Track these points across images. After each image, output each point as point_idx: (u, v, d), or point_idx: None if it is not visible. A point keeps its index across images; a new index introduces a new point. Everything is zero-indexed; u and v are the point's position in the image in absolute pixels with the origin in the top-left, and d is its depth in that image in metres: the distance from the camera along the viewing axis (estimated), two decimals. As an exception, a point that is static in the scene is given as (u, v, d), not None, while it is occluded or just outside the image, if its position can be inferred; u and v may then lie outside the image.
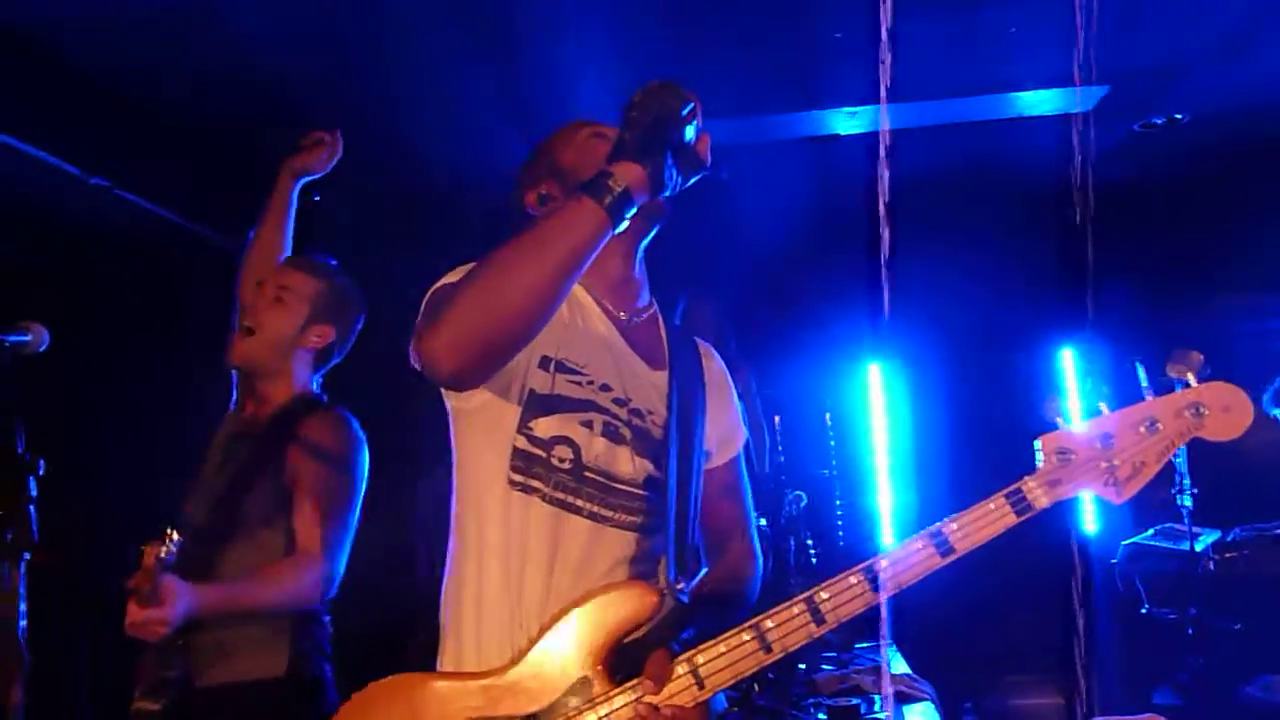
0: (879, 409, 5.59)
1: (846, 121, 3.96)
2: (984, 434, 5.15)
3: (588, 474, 1.68)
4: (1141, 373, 1.62)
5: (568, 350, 1.72)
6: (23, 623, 1.75)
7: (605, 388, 1.73)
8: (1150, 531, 4.57)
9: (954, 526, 1.56)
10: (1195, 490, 4.14)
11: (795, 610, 1.56)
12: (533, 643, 1.61)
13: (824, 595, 1.56)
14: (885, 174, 3.32)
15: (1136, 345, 4.98)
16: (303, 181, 2.77)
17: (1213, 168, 4.57)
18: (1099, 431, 1.58)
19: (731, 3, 3.10)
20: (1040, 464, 1.59)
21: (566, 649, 1.59)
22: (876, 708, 3.27)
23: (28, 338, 1.90)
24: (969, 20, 3.22)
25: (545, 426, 1.68)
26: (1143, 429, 1.58)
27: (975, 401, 5.23)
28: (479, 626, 1.70)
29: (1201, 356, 1.58)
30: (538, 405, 1.68)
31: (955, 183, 4.61)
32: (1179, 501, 4.16)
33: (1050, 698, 4.71)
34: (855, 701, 3.24)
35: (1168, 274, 5.08)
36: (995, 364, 5.35)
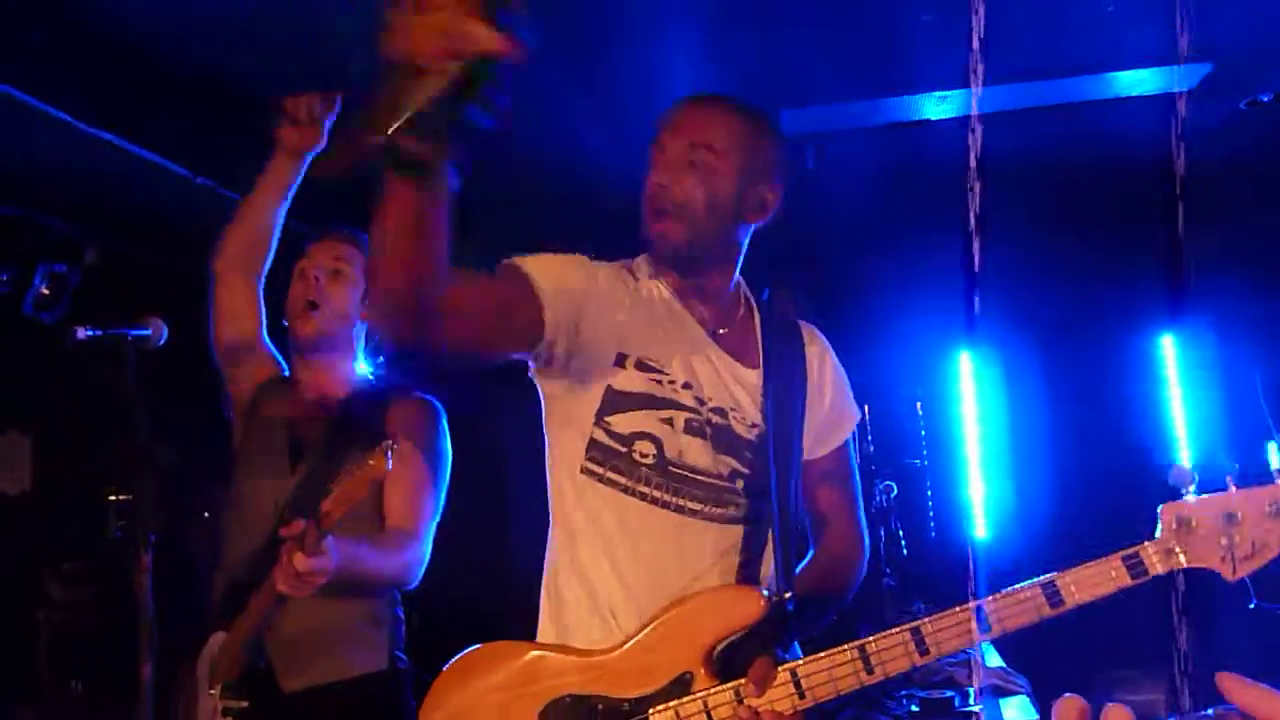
0: (970, 397, 5.50)
1: (936, 106, 3.90)
2: (1080, 422, 5.06)
3: (672, 469, 1.72)
4: (1273, 453, 1.63)
5: (649, 350, 1.75)
6: (150, 603, 1.82)
7: (686, 386, 1.75)
8: (1257, 523, 4.42)
9: (1068, 580, 1.60)
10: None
11: (901, 638, 1.59)
12: (641, 629, 1.65)
13: (930, 628, 1.59)
14: (975, 155, 3.27)
15: (1240, 330, 4.84)
16: (307, 159, 2.49)
17: (1325, 146, 4.39)
18: (1223, 509, 1.59)
19: (818, -11, 3.08)
20: (1160, 533, 1.60)
21: (672, 643, 1.63)
22: (970, 700, 3.24)
23: (148, 332, 1.99)
24: (1063, -1, 3.15)
25: (625, 422, 1.72)
26: (1268, 510, 1.58)
27: (1071, 389, 5.11)
28: (570, 607, 1.75)
29: None
30: (617, 401, 1.73)
31: (1049, 166, 4.50)
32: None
33: (1153, 694, 4.59)
34: (949, 694, 3.22)
35: (1273, 255, 4.89)
36: (1092, 351, 5.23)
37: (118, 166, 3.53)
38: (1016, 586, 1.59)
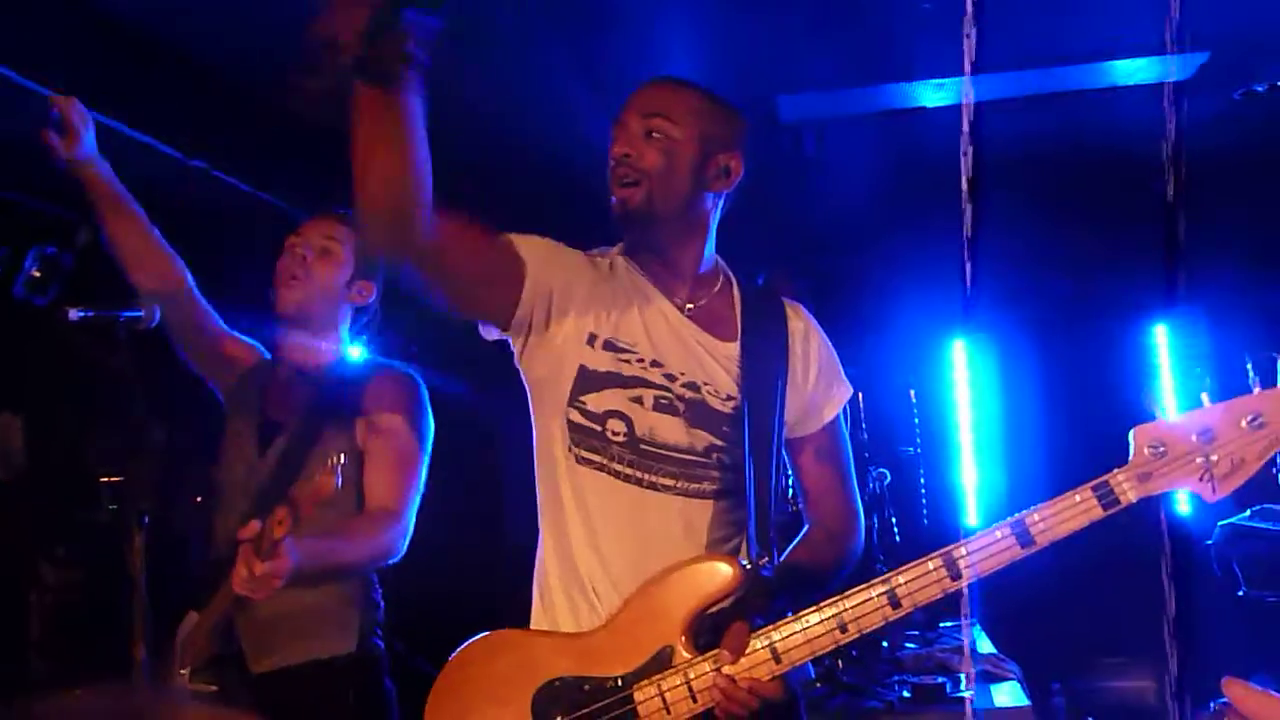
0: (964, 385, 5.51)
1: (933, 94, 3.89)
2: (1073, 411, 5.07)
3: (644, 446, 1.75)
4: (1250, 365, 1.54)
5: (617, 330, 1.79)
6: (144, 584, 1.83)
7: (655, 364, 1.78)
8: (1247, 512, 4.43)
9: (1036, 518, 1.55)
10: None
11: (872, 593, 1.59)
12: (622, 607, 1.68)
13: (901, 580, 1.59)
14: (970, 146, 3.26)
15: (1233, 320, 4.85)
16: (89, 156, 2.38)
17: (1319, 136, 4.39)
18: (1198, 425, 1.51)
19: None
20: (1132, 456, 1.53)
21: (652, 617, 1.65)
22: (961, 686, 3.26)
23: (141, 314, 1.98)
24: (1061, -13, 3.15)
25: (596, 401, 1.76)
26: (1245, 423, 1.49)
27: (1064, 377, 5.13)
28: (555, 589, 1.79)
29: None
30: (588, 381, 1.76)
31: (1045, 154, 4.50)
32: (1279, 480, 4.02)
33: (1142, 680, 4.62)
34: (940, 680, 3.23)
35: (1267, 246, 4.90)
36: (1085, 339, 5.25)
37: (109, 148, 3.51)
38: (985, 530, 1.56)
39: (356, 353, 2.54)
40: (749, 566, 1.69)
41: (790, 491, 2.17)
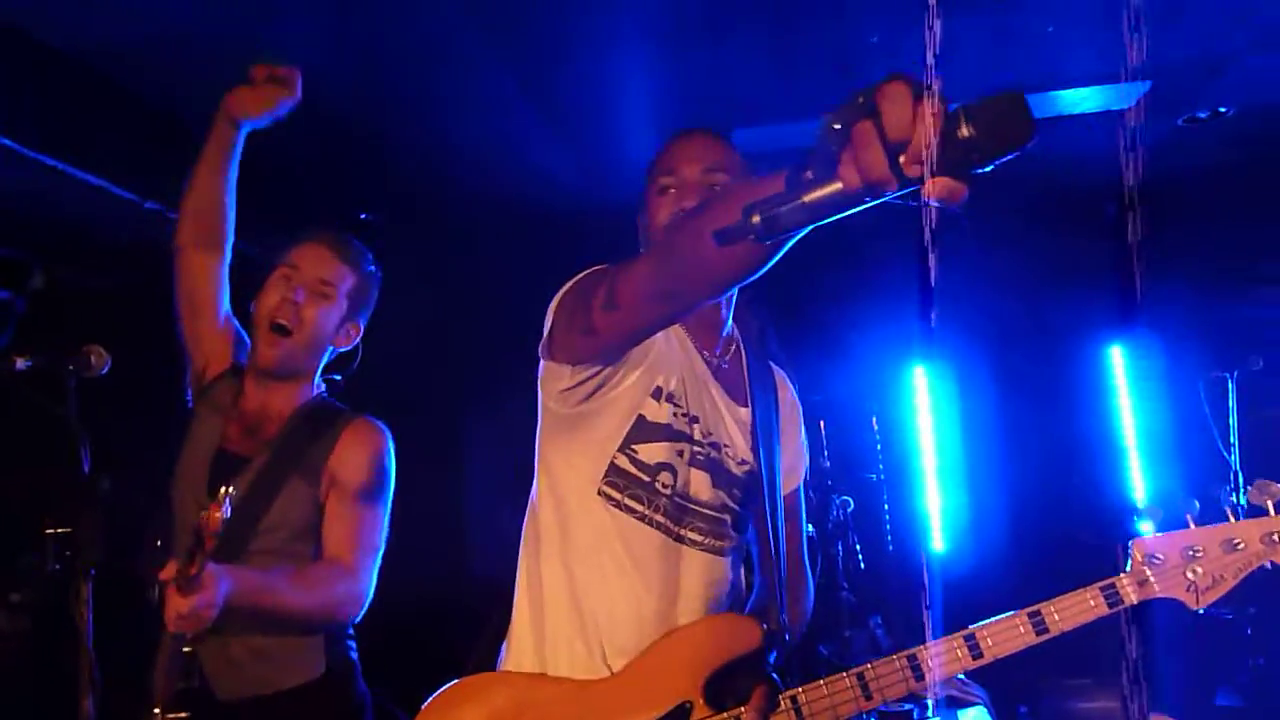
0: (925, 411, 5.56)
1: (885, 124, 3.95)
2: (1033, 434, 5.12)
3: (679, 500, 1.75)
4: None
5: (673, 383, 1.77)
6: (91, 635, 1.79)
7: (695, 420, 1.78)
8: (1206, 530, 4.49)
9: (1052, 610, 1.74)
10: (1249, 485, 4.07)
11: (898, 664, 1.69)
12: (636, 657, 1.66)
13: (925, 654, 1.69)
14: (926, 175, 3.31)
15: (1186, 341, 4.94)
16: (248, 127, 2.33)
17: (1260, 160, 4.50)
18: (1185, 544, 1.78)
19: (767, 9, 3.11)
20: (1130, 566, 1.78)
21: (669, 671, 1.64)
22: (929, 712, 3.26)
23: (89, 361, 1.95)
24: (1007, 20, 3.21)
25: (651, 452, 1.73)
26: (1224, 546, 1.77)
27: (1023, 401, 5.18)
28: (556, 626, 1.73)
29: None
30: (646, 431, 1.73)
31: (998, 181, 4.52)
32: (1235, 500, 4.10)
33: (1109, 700, 4.64)
34: (907, 706, 3.23)
35: (1216, 268, 5.00)
36: (1042, 363, 5.31)
37: (64, 192, 3.48)
38: (1005, 615, 1.72)
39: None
40: (771, 627, 1.71)
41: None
